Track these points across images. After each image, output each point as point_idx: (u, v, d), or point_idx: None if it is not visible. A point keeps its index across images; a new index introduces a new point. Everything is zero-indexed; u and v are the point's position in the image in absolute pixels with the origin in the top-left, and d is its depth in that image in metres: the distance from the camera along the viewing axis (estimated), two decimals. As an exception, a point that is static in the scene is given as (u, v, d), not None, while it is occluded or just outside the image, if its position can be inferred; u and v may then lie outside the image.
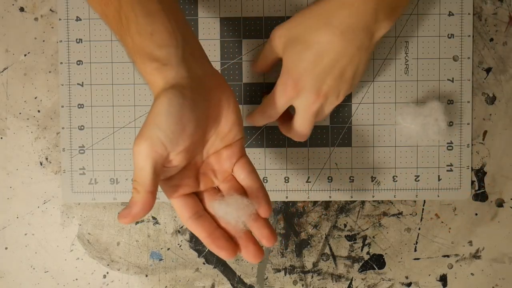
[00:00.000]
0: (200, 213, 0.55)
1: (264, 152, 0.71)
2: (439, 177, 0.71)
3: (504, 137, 0.72)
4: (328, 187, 0.71)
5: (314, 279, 0.72)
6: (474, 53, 0.71)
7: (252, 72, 0.70)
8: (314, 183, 0.71)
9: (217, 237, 0.54)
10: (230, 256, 0.54)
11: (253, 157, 0.70)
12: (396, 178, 0.71)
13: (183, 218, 0.55)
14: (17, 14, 0.71)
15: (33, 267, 0.72)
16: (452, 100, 0.70)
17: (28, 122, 0.71)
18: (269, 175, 0.71)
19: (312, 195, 0.71)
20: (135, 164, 0.51)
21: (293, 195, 0.71)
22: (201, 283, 0.72)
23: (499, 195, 0.72)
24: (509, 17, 0.71)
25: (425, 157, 0.71)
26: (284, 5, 0.69)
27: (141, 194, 0.50)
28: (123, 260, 0.72)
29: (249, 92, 0.70)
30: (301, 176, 0.71)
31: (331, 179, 0.71)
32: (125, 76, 0.70)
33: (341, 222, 0.72)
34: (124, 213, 0.51)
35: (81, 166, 0.71)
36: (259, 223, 0.55)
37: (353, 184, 0.71)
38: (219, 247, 0.54)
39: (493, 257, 0.72)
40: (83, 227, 0.72)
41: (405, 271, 0.72)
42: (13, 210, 0.72)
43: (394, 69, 0.70)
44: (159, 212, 0.72)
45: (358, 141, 0.71)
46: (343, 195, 0.71)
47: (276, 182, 0.71)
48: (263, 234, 0.55)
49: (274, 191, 0.71)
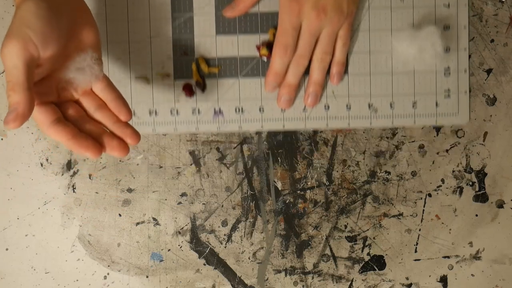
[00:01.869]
0: (61, 119, 0.56)
1: (260, 81, 0.71)
2: (437, 103, 0.71)
3: (505, 138, 0.72)
4: (325, 115, 0.71)
5: (315, 280, 0.72)
6: (475, 54, 0.71)
7: (228, 17, 0.70)
8: (311, 111, 0.71)
9: (80, 138, 0.56)
10: (95, 155, 0.56)
11: (249, 87, 0.71)
12: (393, 105, 0.71)
13: (44, 125, 0.55)
14: (17, 15, 0.71)
15: (33, 268, 0.72)
16: (449, 26, 0.70)
17: (29, 123, 0.71)
18: (265, 104, 0.71)
19: (309, 123, 0.71)
20: (6, 65, 0.52)
21: (290, 123, 0.71)
22: (201, 284, 0.72)
23: (499, 196, 0.72)
24: (510, 18, 0.71)
25: (422, 83, 0.71)
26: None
27: (20, 93, 0.51)
28: (124, 261, 0.72)
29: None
30: (297, 105, 0.71)
31: (328, 107, 0.71)
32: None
33: (341, 223, 0.72)
34: (10, 117, 0.51)
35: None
36: (120, 124, 0.58)
37: (350, 112, 0.71)
38: (83, 147, 0.55)
39: (494, 258, 0.72)
40: (84, 228, 0.72)
41: (406, 272, 0.72)
42: (13, 211, 0.71)
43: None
44: (160, 213, 0.72)
45: (354, 68, 0.71)
46: (340, 122, 0.71)
47: (273, 111, 0.71)
48: (127, 133, 0.58)
49: (271, 120, 0.71)
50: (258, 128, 0.71)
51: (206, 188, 0.72)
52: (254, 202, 0.72)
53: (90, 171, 0.71)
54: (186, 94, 0.70)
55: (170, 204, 0.72)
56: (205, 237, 0.72)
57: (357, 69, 0.71)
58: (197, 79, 0.70)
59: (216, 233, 0.72)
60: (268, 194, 0.72)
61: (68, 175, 0.71)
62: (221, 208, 0.72)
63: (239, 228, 0.72)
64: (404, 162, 0.72)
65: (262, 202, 0.72)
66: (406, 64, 0.70)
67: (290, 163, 0.72)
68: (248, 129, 0.71)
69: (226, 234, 0.72)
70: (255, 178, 0.72)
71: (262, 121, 0.71)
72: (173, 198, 0.72)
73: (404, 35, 0.69)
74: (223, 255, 0.72)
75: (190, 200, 0.72)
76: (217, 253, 0.72)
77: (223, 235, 0.72)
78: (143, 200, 0.72)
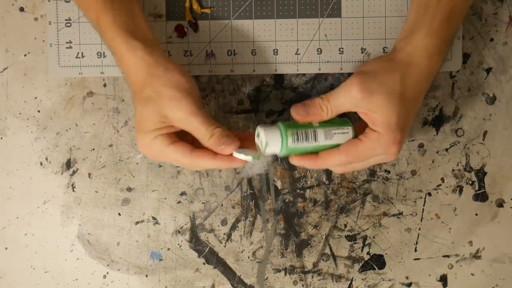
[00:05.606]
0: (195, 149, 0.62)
1: (253, 24, 0.70)
2: None
3: (504, 137, 0.72)
4: (318, 59, 0.70)
5: (314, 279, 0.72)
6: (474, 53, 0.71)
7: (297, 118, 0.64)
8: (303, 55, 0.70)
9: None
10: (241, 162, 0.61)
11: (241, 29, 0.70)
12: (386, 50, 0.70)
13: (186, 155, 0.61)
14: (17, 14, 0.71)
15: (33, 267, 0.72)
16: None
17: (28, 122, 0.71)
18: (258, 48, 0.71)
19: (301, 67, 0.71)
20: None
21: (282, 67, 0.71)
22: (201, 283, 0.72)
23: (499, 195, 0.72)
24: (509, 17, 0.71)
25: None
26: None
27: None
28: (123, 260, 0.72)
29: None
30: (290, 48, 0.70)
31: (321, 51, 0.70)
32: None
33: (341, 222, 0.72)
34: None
35: (67, 40, 0.70)
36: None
37: (342, 56, 0.70)
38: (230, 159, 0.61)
39: (493, 257, 0.72)
40: (83, 227, 0.72)
41: (405, 271, 0.72)
42: (13, 210, 0.71)
43: None
44: (159, 212, 0.72)
45: (348, 11, 0.70)
46: (333, 67, 0.70)
47: (265, 54, 0.70)
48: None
49: (263, 64, 0.70)
50: (250, 72, 0.71)
51: (206, 187, 0.72)
52: (253, 201, 0.72)
53: (90, 170, 0.71)
54: (178, 35, 0.70)
55: (170, 203, 0.72)
56: (204, 236, 0.72)
57: (351, 12, 0.70)
58: (190, 19, 0.70)
59: (216, 232, 0.72)
60: (267, 193, 0.72)
61: (68, 174, 0.71)
62: (221, 207, 0.72)
63: (238, 227, 0.72)
64: (403, 161, 0.72)
65: (262, 201, 0.72)
66: (400, 7, 0.69)
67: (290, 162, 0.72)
68: (240, 73, 0.71)
69: (225, 233, 0.72)
70: (254, 177, 0.71)
71: (254, 64, 0.70)
72: (172, 197, 0.72)
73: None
74: (222, 254, 0.72)
75: (190, 199, 0.72)
76: (216, 252, 0.72)
77: (222, 234, 0.72)
78: (143, 199, 0.72)
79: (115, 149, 0.71)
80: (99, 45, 0.70)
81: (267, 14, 0.70)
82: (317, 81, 0.71)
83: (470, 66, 0.71)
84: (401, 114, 0.60)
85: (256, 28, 0.70)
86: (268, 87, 0.71)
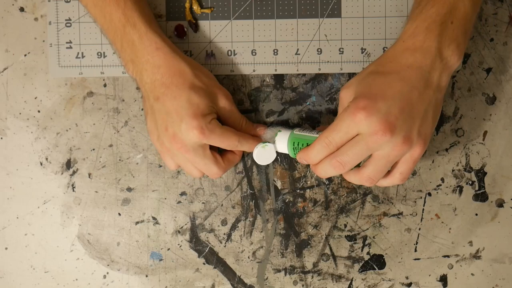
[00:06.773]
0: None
1: (253, 24, 0.70)
2: None
3: (504, 137, 0.72)
4: (318, 59, 0.71)
5: (314, 279, 0.72)
6: (474, 53, 0.71)
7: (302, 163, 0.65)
8: (303, 55, 0.70)
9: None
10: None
11: (241, 29, 0.70)
12: (386, 49, 0.70)
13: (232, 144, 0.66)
14: (17, 14, 0.71)
15: (33, 267, 0.72)
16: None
17: (28, 122, 0.71)
18: (258, 48, 0.71)
19: (301, 67, 0.71)
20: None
21: (282, 67, 0.71)
22: (201, 284, 0.72)
23: (499, 195, 0.72)
24: (509, 17, 0.71)
25: None
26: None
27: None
28: (123, 260, 0.72)
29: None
30: (290, 48, 0.71)
31: (321, 51, 0.71)
32: None
33: (341, 222, 0.72)
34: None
35: (67, 40, 0.70)
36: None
37: (342, 56, 0.71)
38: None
39: (493, 257, 0.72)
40: (83, 227, 0.72)
41: (405, 271, 0.72)
42: (13, 210, 0.71)
43: None
44: (159, 212, 0.72)
45: (348, 12, 0.70)
46: (333, 67, 0.70)
47: (265, 54, 0.71)
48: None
49: (263, 64, 0.71)
50: (250, 72, 0.71)
51: (206, 187, 0.72)
52: (253, 201, 0.72)
53: (90, 170, 0.71)
54: (178, 35, 0.70)
55: (170, 203, 0.72)
56: (204, 236, 0.72)
57: (351, 12, 0.70)
58: (190, 19, 0.70)
59: (216, 232, 0.72)
60: (267, 193, 0.72)
61: (68, 174, 0.71)
62: (221, 207, 0.72)
63: (238, 227, 0.72)
64: (403, 161, 0.72)
65: (262, 201, 0.72)
66: (400, 7, 0.69)
67: (290, 162, 0.72)
68: (240, 73, 0.71)
69: (225, 233, 0.72)
70: (254, 177, 0.72)
71: (254, 64, 0.70)
72: (172, 197, 0.72)
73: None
74: (222, 254, 0.72)
75: (190, 199, 0.72)
76: (216, 252, 0.72)
77: (222, 234, 0.72)
78: (143, 199, 0.72)
79: (115, 149, 0.71)
80: (99, 45, 0.70)
81: (267, 14, 0.70)
82: (317, 81, 0.71)
83: (470, 66, 0.71)
84: (366, 83, 0.60)
85: (256, 28, 0.70)
86: (268, 87, 0.71)
